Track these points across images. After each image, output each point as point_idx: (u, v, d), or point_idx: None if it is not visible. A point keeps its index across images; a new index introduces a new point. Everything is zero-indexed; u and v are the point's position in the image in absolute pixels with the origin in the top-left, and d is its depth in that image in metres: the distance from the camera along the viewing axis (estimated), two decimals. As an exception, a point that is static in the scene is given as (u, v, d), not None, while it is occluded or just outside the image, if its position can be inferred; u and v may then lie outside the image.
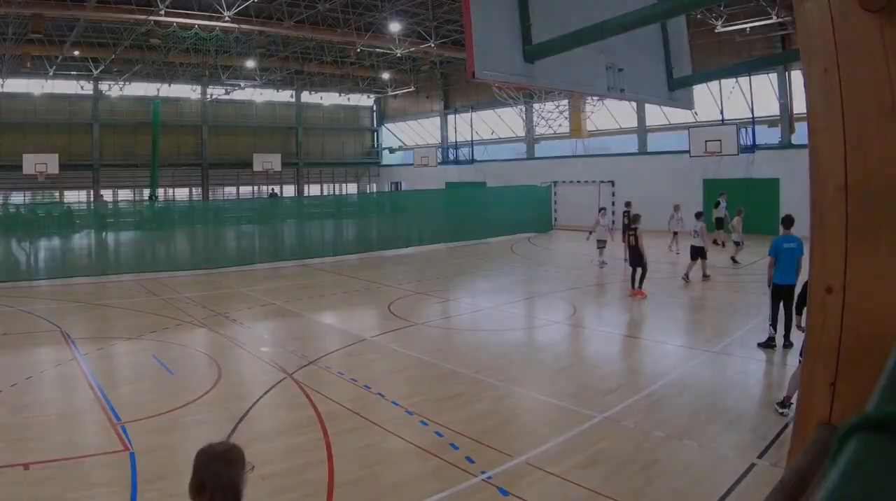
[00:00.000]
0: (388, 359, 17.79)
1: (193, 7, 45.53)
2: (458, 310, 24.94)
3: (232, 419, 13.00)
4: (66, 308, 25.25)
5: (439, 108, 76.86)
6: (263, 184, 77.99)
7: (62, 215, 40.62)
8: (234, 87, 69.78)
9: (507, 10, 7.66)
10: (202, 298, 27.17)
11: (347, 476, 10.52)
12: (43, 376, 16.17)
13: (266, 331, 21.60)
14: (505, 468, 10.70)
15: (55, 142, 64.70)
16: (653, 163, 53.07)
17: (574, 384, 15.32)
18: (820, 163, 3.15)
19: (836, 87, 3.06)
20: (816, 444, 2.91)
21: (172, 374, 16.30)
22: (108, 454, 11.37)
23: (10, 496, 9.87)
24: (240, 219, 43.68)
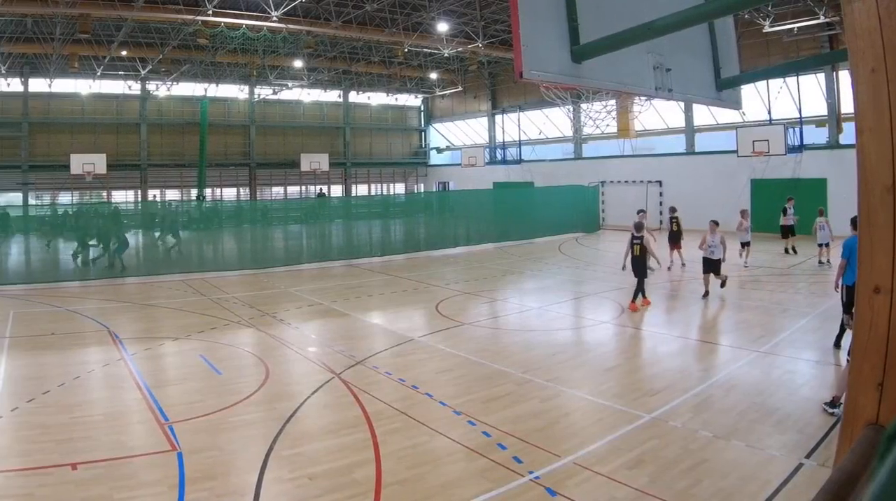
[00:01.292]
0: (436, 359, 17.73)
1: (241, 7, 45.83)
2: (505, 310, 24.87)
3: (279, 419, 13.02)
4: (114, 308, 25.42)
5: (487, 108, 76.77)
6: (311, 184, 78.33)
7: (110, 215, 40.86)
8: (282, 87, 70.07)
9: (554, 10, 7.62)
10: (250, 298, 27.32)
11: (395, 476, 10.51)
12: (91, 376, 16.27)
13: (313, 331, 21.62)
14: (552, 468, 10.66)
15: (103, 142, 65.44)
16: (700, 163, 52.85)
17: (621, 384, 15.29)
18: (867, 163, 3.10)
19: (883, 87, 3.01)
20: (864, 444, 2.87)
21: (220, 374, 16.39)
22: (156, 454, 11.41)
23: (58, 496, 9.91)
24: (287, 219, 43.85)
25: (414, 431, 12.44)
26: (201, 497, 9.84)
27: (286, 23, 46.89)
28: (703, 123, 54.52)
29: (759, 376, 15.62)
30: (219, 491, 10.01)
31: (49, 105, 64.47)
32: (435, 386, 15.14)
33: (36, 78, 62.50)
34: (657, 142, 59.56)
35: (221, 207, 54.47)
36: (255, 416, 13.35)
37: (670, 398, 13.97)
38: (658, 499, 9.59)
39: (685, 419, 12.75)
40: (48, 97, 63.91)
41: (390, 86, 75.32)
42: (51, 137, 64.34)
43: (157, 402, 14.02)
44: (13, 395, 14.53)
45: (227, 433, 12.48)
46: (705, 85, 9.85)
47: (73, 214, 41.49)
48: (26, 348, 19.14)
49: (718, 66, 9.97)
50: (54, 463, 10.94)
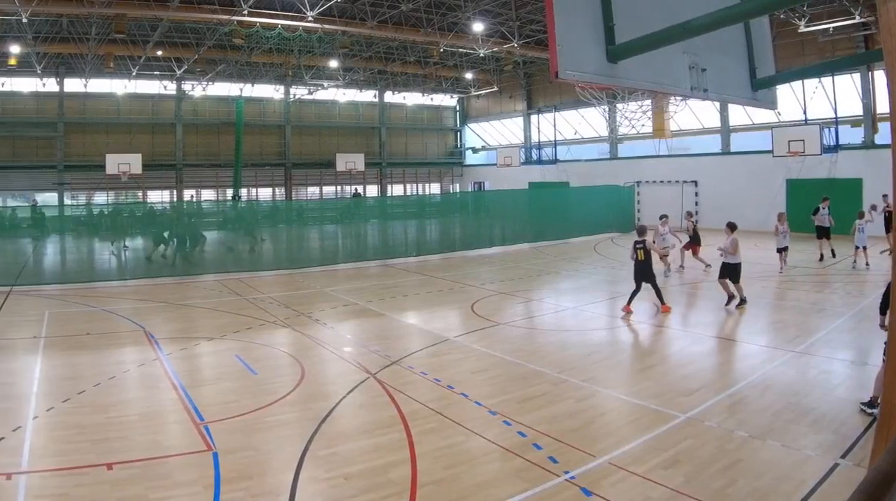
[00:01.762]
0: (472, 359, 17.72)
1: (276, 7, 45.96)
2: (541, 310, 24.81)
3: (315, 419, 13.03)
4: (150, 308, 25.54)
5: (522, 108, 76.67)
6: (347, 184, 78.52)
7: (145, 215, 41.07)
8: (318, 87, 70.21)
9: (590, 11, 7.64)
10: (285, 298, 27.37)
11: (431, 476, 10.52)
12: (126, 376, 16.36)
13: (349, 331, 21.65)
14: (588, 468, 10.67)
15: (138, 142, 65.89)
16: (736, 163, 52.70)
17: (657, 384, 15.25)
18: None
19: (919, 87, 2.99)
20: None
21: (255, 374, 16.43)
22: (191, 454, 11.45)
23: (94, 496, 9.95)
24: (323, 220, 43.91)
25: (449, 431, 12.45)
26: (237, 497, 9.88)
27: (322, 23, 46.97)
28: (739, 123, 54.35)
29: (794, 376, 15.56)
30: (254, 491, 10.05)
31: (84, 105, 64.97)
32: (470, 385, 15.14)
33: (71, 78, 63.00)
34: (693, 142, 59.43)
35: (257, 207, 54.69)
36: (291, 416, 13.38)
37: (706, 398, 13.96)
38: (693, 499, 9.59)
39: (720, 419, 12.73)
40: (84, 97, 64.40)
41: (426, 86, 75.43)
42: (86, 137, 64.81)
43: (193, 402, 14.09)
44: (49, 395, 14.61)
45: (262, 433, 12.51)
46: (741, 85, 9.83)
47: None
48: (62, 348, 19.26)
49: (754, 66, 9.94)
50: (90, 463, 10.99)
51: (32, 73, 58.94)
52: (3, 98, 61.37)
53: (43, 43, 51.45)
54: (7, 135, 61.78)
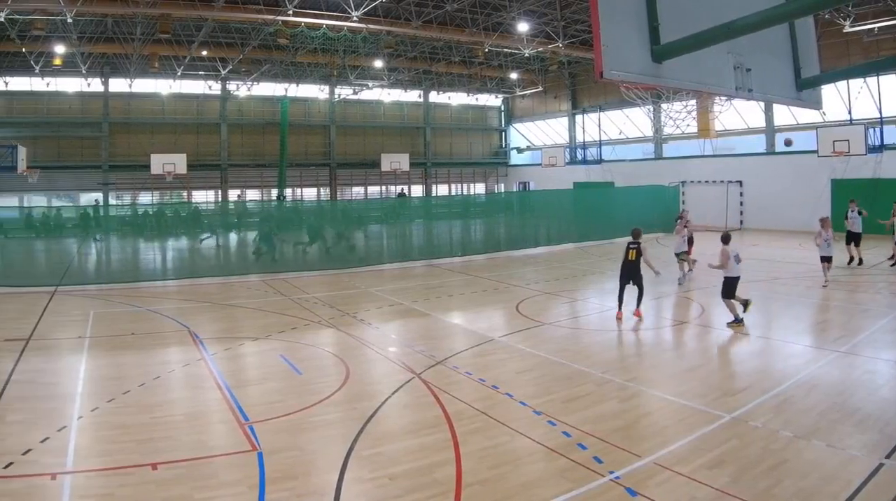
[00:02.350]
0: (516, 359, 17.71)
1: (321, 7, 46.16)
2: (585, 310, 24.71)
3: (360, 419, 13.05)
4: (194, 308, 25.70)
5: (567, 108, 76.60)
6: (391, 184, 78.75)
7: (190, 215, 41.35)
8: (362, 87, 70.49)
9: (634, 11, 7.63)
10: (330, 298, 27.40)
11: (475, 476, 10.53)
12: (171, 376, 16.45)
13: (394, 331, 21.66)
14: (633, 468, 10.69)
15: (183, 142, 66.44)
16: (780, 163, 52.27)
17: (702, 384, 15.21)
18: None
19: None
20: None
21: (300, 374, 16.47)
22: (236, 454, 11.51)
23: (139, 495, 10.01)
24: (368, 220, 43.97)
25: (494, 431, 12.46)
26: (281, 497, 9.90)
27: (366, 23, 47.13)
28: (784, 123, 53.98)
29: (839, 376, 15.51)
30: (299, 491, 10.07)
31: (129, 105, 65.59)
32: (515, 386, 15.12)
33: (116, 78, 63.60)
34: (737, 142, 59.21)
35: (302, 207, 54.82)
36: (336, 416, 13.40)
37: (751, 398, 13.94)
38: (738, 499, 9.59)
39: (766, 419, 12.70)
40: (129, 97, 65.03)
41: (471, 86, 75.43)
42: (131, 137, 65.43)
43: (238, 402, 14.14)
44: (94, 395, 14.71)
45: (307, 433, 12.55)
46: (785, 85, 9.78)
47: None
48: (106, 348, 19.39)
49: (798, 66, 9.88)
50: (135, 463, 11.06)
51: (77, 74, 59.55)
52: (49, 98, 62.11)
53: (88, 43, 52.05)
54: (52, 136, 62.51)
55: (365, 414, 13.36)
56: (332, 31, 48.87)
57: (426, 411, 13.63)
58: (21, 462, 11.06)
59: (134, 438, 12.19)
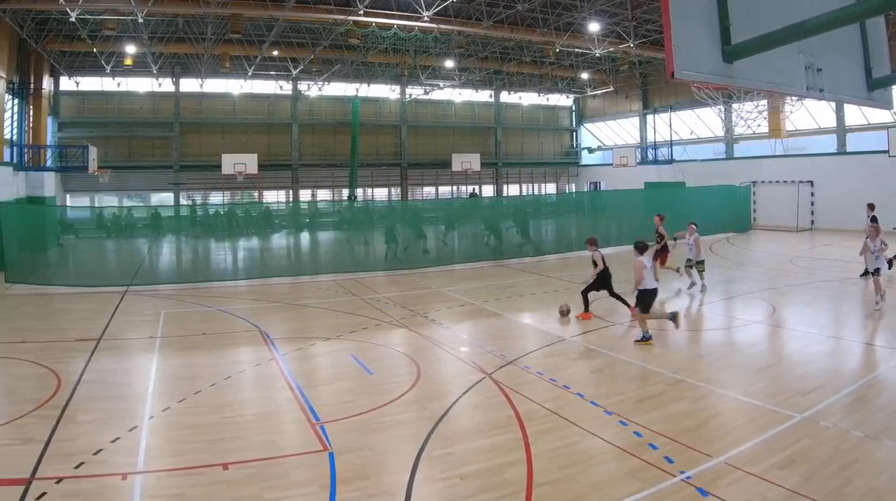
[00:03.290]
0: (587, 359, 17.75)
1: (392, 7, 46.24)
2: (655, 311, 24.46)
3: (431, 419, 13.08)
4: (265, 308, 25.86)
5: (638, 108, 76.38)
6: (462, 184, 78.89)
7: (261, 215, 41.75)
8: (433, 87, 70.67)
9: (705, 11, 7.60)
10: (401, 298, 27.49)
11: (546, 477, 10.53)
12: (242, 376, 16.59)
13: (465, 331, 21.65)
14: (704, 468, 10.68)
15: (254, 142, 67.11)
16: (852, 164, 51.86)
17: (773, 384, 15.13)
18: None
19: None
20: None
21: (371, 374, 16.51)
22: (307, 454, 11.56)
23: (209, 495, 10.10)
24: (438, 220, 44.00)
25: (565, 431, 12.46)
26: (352, 497, 9.93)
27: (437, 23, 47.10)
28: (855, 123, 53.60)
29: (910, 375, 15.40)
30: (370, 491, 10.09)
31: (200, 105, 66.49)
32: (586, 385, 15.13)
33: (187, 78, 64.60)
34: (808, 141, 58.78)
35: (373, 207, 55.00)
36: (407, 416, 13.43)
37: (822, 397, 13.86)
38: (809, 499, 9.54)
39: (837, 418, 12.64)
40: (199, 97, 65.93)
41: (542, 86, 75.31)
42: (202, 137, 66.31)
43: (309, 402, 14.22)
44: (165, 395, 14.85)
45: (378, 433, 12.57)
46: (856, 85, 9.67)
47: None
48: (178, 348, 19.60)
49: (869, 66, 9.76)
50: (205, 463, 11.16)
51: (148, 74, 60.61)
52: (120, 98, 63.22)
53: (159, 43, 52.66)
54: (124, 136, 63.64)
55: (436, 414, 13.40)
56: (403, 31, 49.08)
57: (497, 411, 13.63)
58: (92, 462, 11.19)
59: (205, 438, 12.32)
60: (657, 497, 9.81)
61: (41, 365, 17.37)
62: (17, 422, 13.08)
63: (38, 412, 13.70)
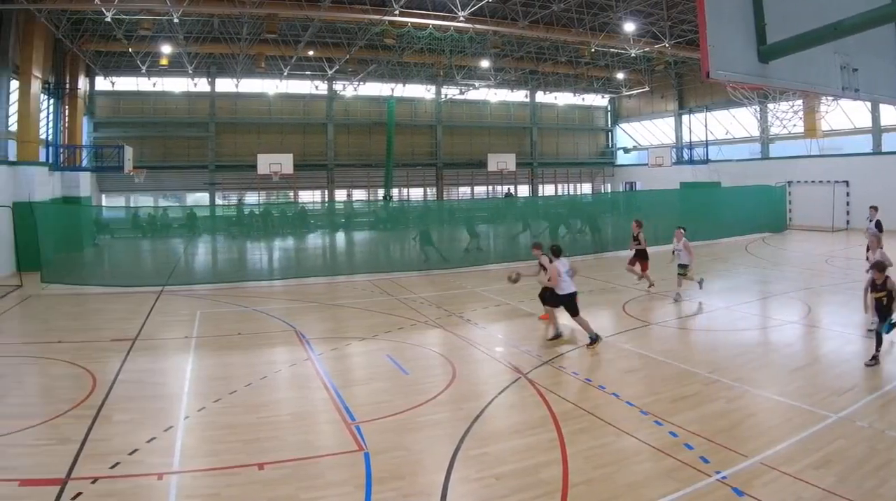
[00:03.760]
0: (623, 359, 17.75)
1: (428, 7, 46.23)
2: (691, 310, 24.46)
3: (466, 419, 13.09)
4: (301, 308, 25.93)
5: (674, 108, 76.15)
6: (498, 183, 78.87)
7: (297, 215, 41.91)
8: (469, 87, 70.74)
9: (741, 11, 7.59)
10: (436, 298, 27.52)
11: (582, 476, 10.56)
12: (278, 376, 16.66)
13: (500, 331, 21.69)
14: (739, 468, 10.69)
15: (289, 142, 67.37)
16: (888, 163, 51.59)
17: (809, 384, 15.10)
18: None
19: None
20: None
21: (407, 374, 16.55)
22: (343, 454, 11.60)
23: (245, 495, 10.15)
24: (474, 220, 43.99)
25: (600, 431, 12.49)
26: (388, 497, 9.95)
27: (473, 23, 47.05)
28: (891, 123, 53.28)
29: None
30: (406, 491, 10.12)
31: (236, 105, 66.84)
32: (622, 385, 15.12)
33: (223, 78, 64.94)
34: (844, 141, 58.60)
35: (408, 207, 55.07)
36: (442, 416, 13.46)
37: (857, 397, 13.86)
38: (845, 499, 9.51)
39: (872, 418, 12.63)
40: (235, 97, 66.26)
41: (577, 86, 75.23)
42: (237, 137, 66.69)
43: (344, 402, 14.26)
44: (200, 395, 14.95)
45: (414, 433, 12.61)
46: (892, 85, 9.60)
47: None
48: (213, 348, 19.72)
49: (905, 66, 9.70)
50: (241, 463, 11.22)
51: (184, 74, 61.12)
52: (156, 98, 63.71)
53: (194, 43, 53.07)
54: (159, 136, 64.09)
55: (471, 413, 13.42)
56: (438, 30, 49.17)
57: (533, 411, 13.65)
58: (127, 462, 11.26)
59: (240, 438, 12.38)
60: (693, 497, 9.83)
61: (77, 365, 17.50)
62: (53, 422, 13.19)
63: (73, 412, 13.80)
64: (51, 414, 13.54)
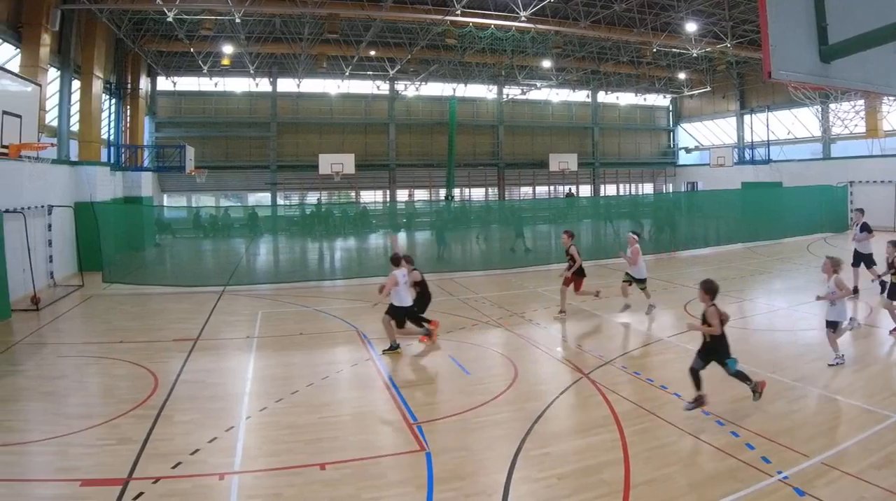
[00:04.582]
0: (685, 359, 17.12)
1: (489, 7, 46.29)
2: (753, 310, 24.33)
3: (528, 419, 13.10)
4: (362, 308, 25.75)
5: (735, 108, 75.53)
6: (559, 183, 78.66)
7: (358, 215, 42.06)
8: (531, 87, 70.68)
9: (803, 11, 7.54)
10: (498, 298, 27.54)
11: (643, 477, 10.58)
12: (339, 376, 16.75)
13: (561, 331, 21.69)
14: (801, 468, 10.70)
15: (351, 142, 67.73)
16: (951, 163, 50.62)
17: (869, 384, 15.09)
18: None
19: None
20: None
21: (468, 374, 16.57)
22: (404, 454, 11.66)
23: (307, 495, 10.22)
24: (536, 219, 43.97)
25: (662, 431, 12.51)
26: (449, 497, 10.00)
27: (534, 23, 46.98)
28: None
29: None
30: (467, 491, 10.15)
31: (297, 105, 67.22)
32: (684, 386, 14.77)
33: (284, 78, 65.37)
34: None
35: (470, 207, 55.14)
36: (504, 416, 13.47)
37: (919, 397, 13.76)
38: None
39: (934, 418, 12.60)
40: (296, 97, 66.71)
41: (639, 86, 74.86)
42: (299, 137, 67.04)
43: (406, 402, 14.33)
44: (262, 395, 15.09)
45: (475, 433, 12.64)
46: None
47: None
48: (275, 348, 19.87)
49: (967, 66, 9.59)
50: (302, 463, 11.31)
51: (245, 74, 61.57)
52: (217, 98, 64.40)
53: (256, 43, 53.40)
54: (220, 136, 64.71)
55: (533, 413, 13.44)
56: (499, 30, 49.11)
57: (594, 411, 13.69)
58: (189, 462, 11.40)
59: (302, 438, 12.47)
60: (754, 497, 9.85)
61: (139, 366, 17.72)
62: (115, 422, 13.35)
63: (135, 412, 13.97)
64: (112, 414, 13.72)
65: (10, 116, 22.20)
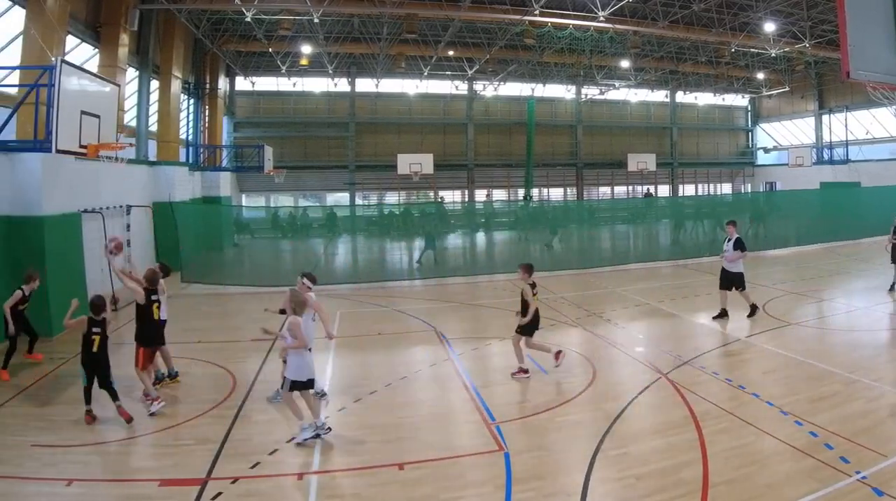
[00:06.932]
0: (763, 359, 17.64)
1: (568, 7, 46.06)
2: (832, 310, 24.18)
3: (606, 419, 13.12)
4: (441, 308, 26.13)
5: (814, 108, 74.67)
6: (638, 183, 78.41)
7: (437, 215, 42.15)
8: (609, 87, 70.41)
9: (881, 12, 7.54)
10: (577, 298, 27.45)
11: (722, 476, 10.56)
12: (418, 376, 16.85)
13: (640, 331, 21.70)
14: (879, 467, 10.67)
15: (429, 142, 67.87)
16: None
17: (950, 384, 14.92)
18: None
19: None
20: None
21: (546, 374, 16.58)
22: (482, 454, 11.68)
23: (384, 495, 10.31)
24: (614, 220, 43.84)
25: (741, 431, 12.48)
26: (528, 497, 10.01)
27: (613, 23, 46.76)
28: None
29: None
30: (546, 491, 10.17)
31: (375, 105, 67.57)
32: (762, 385, 15.04)
33: (362, 78, 65.65)
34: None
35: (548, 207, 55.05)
36: (582, 416, 13.50)
37: None
38: None
39: None
40: (375, 97, 66.97)
41: (717, 86, 74.19)
42: (377, 137, 67.38)
43: (484, 402, 14.37)
44: (341, 395, 15.20)
45: (553, 433, 12.67)
46: None
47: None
48: (353, 348, 20.01)
49: None
50: (381, 463, 11.40)
51: (324, 74, 62.04)
52: (296, 98, 64.92)
53: (334, 43, 53.75)
54: (299, 135, 65.32)
55: (611, 413, 13.47)
56: (578, 30, 49.07)
57: (673, 411, 13.69)
58: (267, 462, 11.55)
59: (380, 438, 12.57)
60: (832, 497, 9.84)
61: (217, 366, 18.00)
62: (193, 422, 13.59)
63: (213, 412, 14.22)
64: (191, 414, 13.98)
65: (89, 116, 22.42)
